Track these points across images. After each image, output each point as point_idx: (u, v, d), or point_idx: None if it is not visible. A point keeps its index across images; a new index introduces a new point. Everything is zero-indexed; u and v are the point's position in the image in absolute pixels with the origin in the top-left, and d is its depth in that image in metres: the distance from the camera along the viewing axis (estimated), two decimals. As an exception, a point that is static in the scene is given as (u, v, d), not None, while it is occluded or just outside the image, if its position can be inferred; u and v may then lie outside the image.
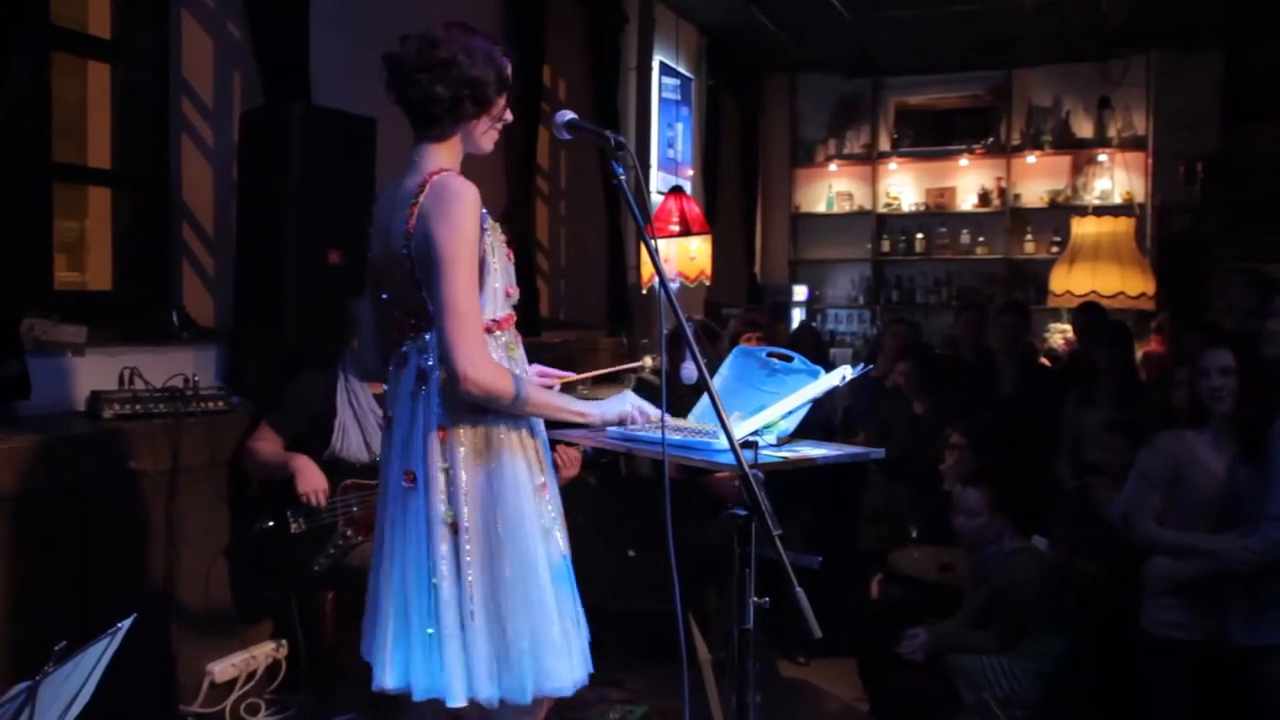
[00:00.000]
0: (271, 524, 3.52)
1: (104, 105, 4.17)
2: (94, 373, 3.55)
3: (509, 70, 2.45)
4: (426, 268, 2.31)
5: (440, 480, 2.35)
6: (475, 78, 2.36)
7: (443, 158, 2.42)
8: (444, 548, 2.33)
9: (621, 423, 2.48)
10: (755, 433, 2.36)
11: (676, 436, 2.36)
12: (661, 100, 7.79)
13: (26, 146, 3.64)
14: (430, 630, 2.33)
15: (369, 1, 4.70)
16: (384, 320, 2.54)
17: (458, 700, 2.31)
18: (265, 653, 3.92)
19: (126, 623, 1.51)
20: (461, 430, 2.35)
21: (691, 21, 8.38)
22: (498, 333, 2.43)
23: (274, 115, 3.91)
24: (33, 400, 3.26)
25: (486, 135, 2.48)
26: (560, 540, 2.45)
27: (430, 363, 2.39)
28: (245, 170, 4.04)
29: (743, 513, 2.07)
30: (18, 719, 1.25)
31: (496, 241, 2.45)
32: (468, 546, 2.32)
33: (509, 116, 2.50)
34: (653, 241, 2.09)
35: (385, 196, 2.49)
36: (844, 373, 2.49)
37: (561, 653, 2.37)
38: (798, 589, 1.88)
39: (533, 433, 2.48)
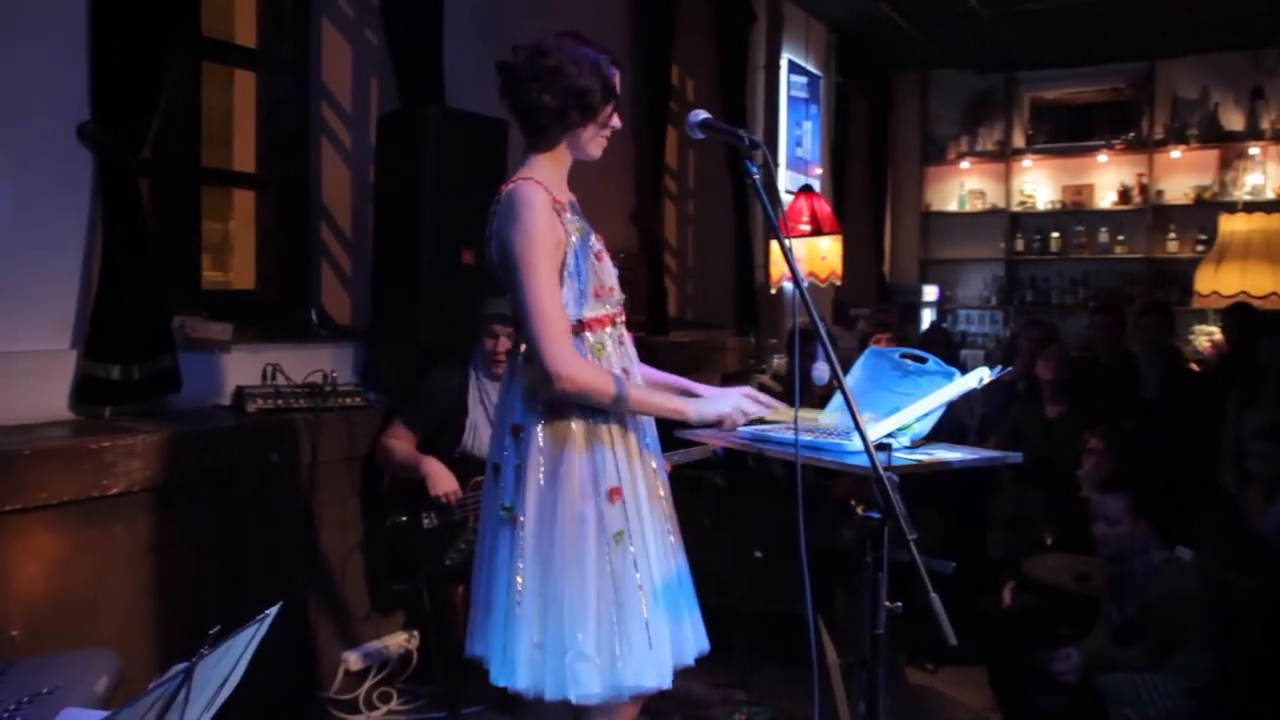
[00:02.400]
0: (404, 518, 3.61)
1: (249, 112, 4.33)
2: (239, 368, 3.69)
3: (616, 79, 2.45)
4: (506, 275, 2.37)
5: (511, 475, 2.40)
6: (581, 87, 2.37)
7: (542, 166, 2.44)
8: (502, 538, 2.39)
9: (719, 423, 2.45)
10: (889, 435, 2.32)
11: (808, 437, 2.33)
12: (790, 99, 7.74)
13: (178, 152, 3.81)
14: (489, 613, 2.40)
15: (501, 6, 4.77)
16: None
17: (495, 679, 2.37)
18: (398, 643, 4.01)
19: (273, 610, 1.56)
20: (534, 428, 2.39)
21: (820, 19, 8.30)
22: (586, 334, 2.43)
23: (410, 119, 4.01)
24: (182, 394, 3.42)
25: (594, 142, 2.48)
26: (633, 548, 2.40)
27: (518, 363, 2.46)
28: (382, 173, 4.14)
29: (876, 516, 2.03)
30: (176, 697, 1.30)
31: (582, 243, 2.43)
32: (523, 542, 2.35)
33: (617, 123, 2.49)
34: (787, 241, 2.06)
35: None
36: (981, 375, 2.43)
37: (591, 661, 2.33)
38: (933, 595, 1.84)
39: (619, 431, 2.44)
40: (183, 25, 3.56)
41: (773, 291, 6.70)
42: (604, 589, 2.35)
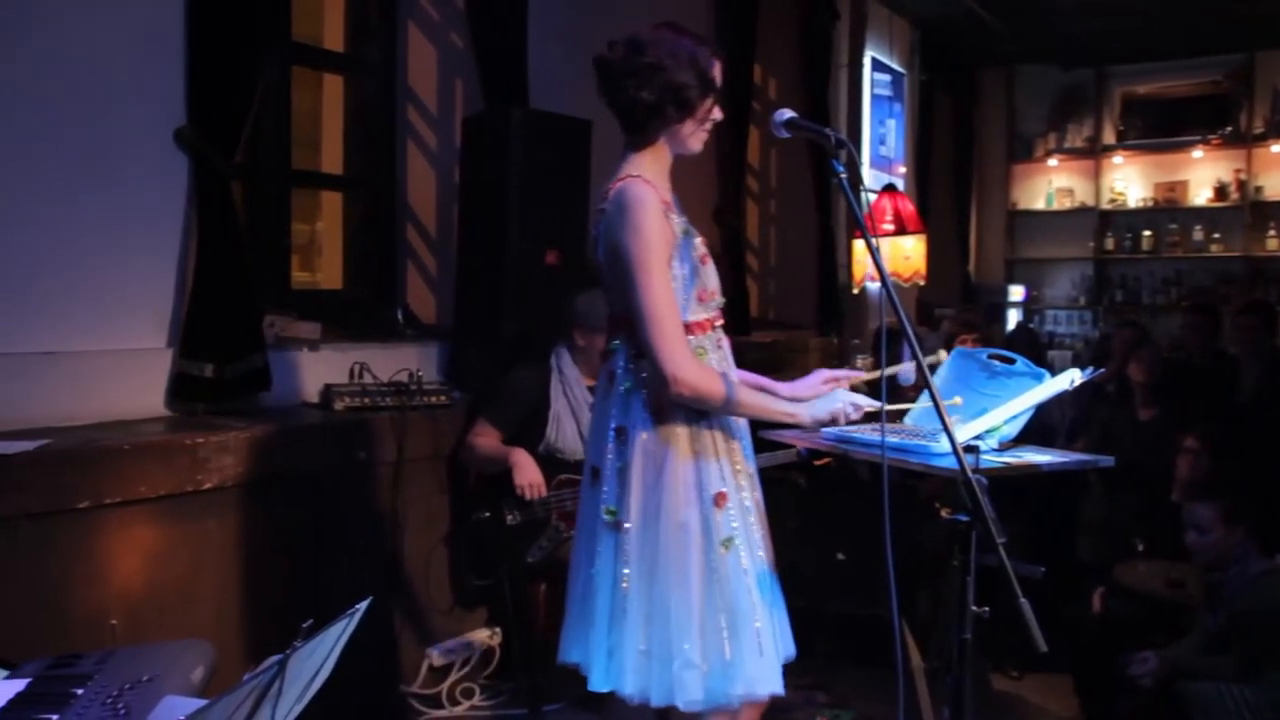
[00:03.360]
0: (488, 515, 3.65)
1: (337, 114, 4.42)
2: (326, 367, 3.76)
3: (715, 71, 2.40)
4: (617, 276, 2.32)
5: (614, 478, 2.37)
6: (679, 82, 2.32)
7: (643, 163, 2.38)
8: (606, 542, 2.35)
9: (833, 422, 2.42)
10: (977, 437, 2.29)
11: (894, 439, 2.31)
12: (873, 96, 7.66)
13: (269, 155, 3.89)
14: (591, 618, 2.37)
15: (584, 6, 4.80)
16: (598, 311, 2.55)
17: (597, 685, 2.34)
18: (480, 639, 4.05)
19: (363, 604, 1.59)
20: (639, 432, 2.35)
21: (904, 16, 8.21)
22: (689, 337, 2.37)
23: (494, 120, 4.04)
24: (272, 392, 3.50)
25: (694, 137, 2.43)
26: (743, 554, 2.37)
27: (618, 364, 2.41)
28: (466, 173, 4.19)
29: (964, 519, 2.00)
30: (270, 688, 1.33)
31: (686, 244, 2.39)
32: (628, 546, 2.32)
33: (718, 115, 2.44)
34: (874, 240, 2.04)
35: (599, 195, 2.49)
36: (1073, 376, 2.39)
37: (696, 669, 2.29)
38: (1022, 600, 1.80)
39: (718, 433, 2.40)
40: (274, 31, 3.65)
41: (855, 291, 6.64)
42: (711, 595, 2.30)
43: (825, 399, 2.45)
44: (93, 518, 2.81)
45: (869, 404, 2.44)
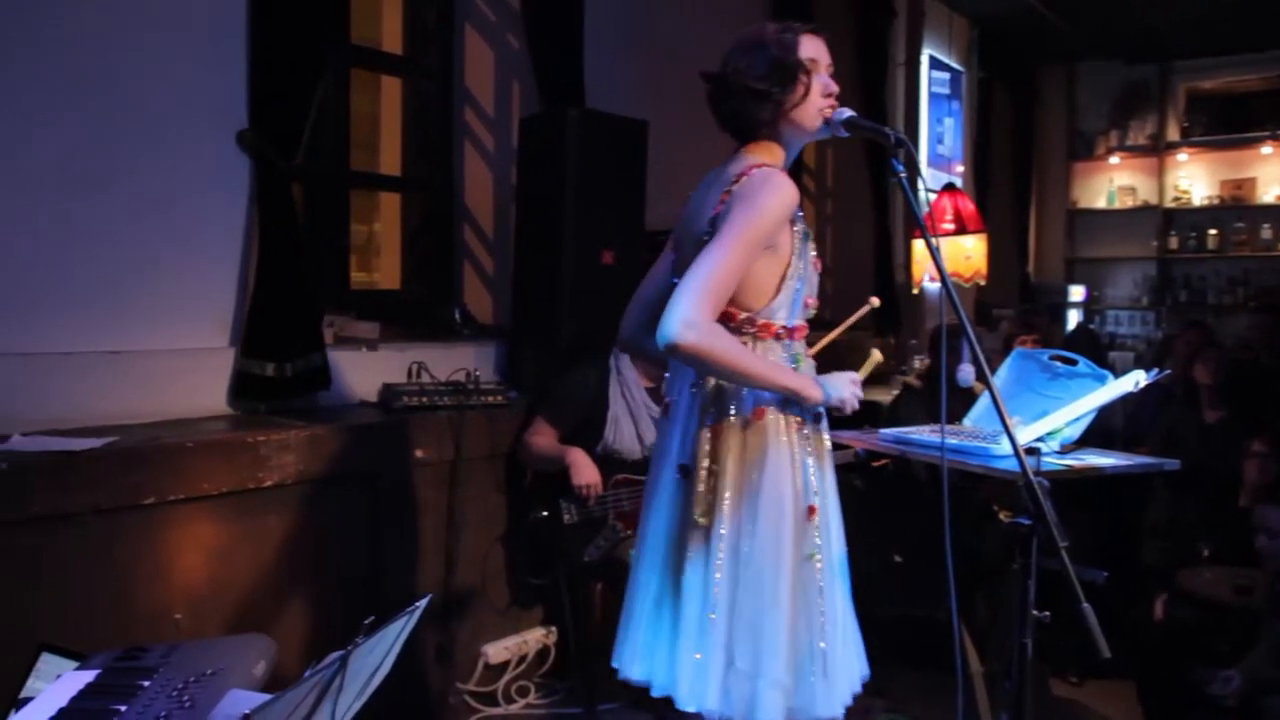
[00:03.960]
0: (545, 514, 3.66)
1: (395, 116, 4.46)
2: (385, 366, 3.80)
3: (803, 50, 2.33)
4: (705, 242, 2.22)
5: (704, 479, 2.27)
6: (788, 74, 2.29)
7: (767, 155, 2.34)
8: (696, 547, 2.26)
9: (841, 409, 2.34)
10: (1038, 439, 2.26)
11: (954, 440, 2.28)
12: (931, 95, 7.59)
13: (329, 157, 3.94)
14: (673, 629, 2.27)
15: (639, 6, 4.80)
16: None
17: (685, 704, 2.23)
18: (536, 638, 4.07)
19: (423, 602, 1.60)
20: (733, 435, 2.27)
21: (962, 13, 8.12)
22: (787, 340, 2.33)
23: (551, 121, 4.06)
24: (331, 391, 3.54)
25: (812, 115, 2.34)
26: (822, 570, 2.29)
27: None
28: (523, 174, 4.21)
29: (1025, 522, 1.97)
30: (332, 683, 1.35)
31: (806, 248, 2.35)
32: (719, 554, 2.24)
33: (833, 87, 2.37)
34: (934, 240, 2.02)
35: (704, 183, 2.40)
36: (1137, 378, 2.34)
37: (783, 686, 2.22)
38: (1085, 605, 1.77)
39: (816, 445, 2.34)
40: (334, 34, 3.69)
41: (914, 291, 6.58)
42: (796, 611, 2.24)
43: (835, 380, 2.36)
44: (157, 514, 2.86)
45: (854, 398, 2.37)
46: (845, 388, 2.34)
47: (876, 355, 2.77)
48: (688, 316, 2.08)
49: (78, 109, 2.99)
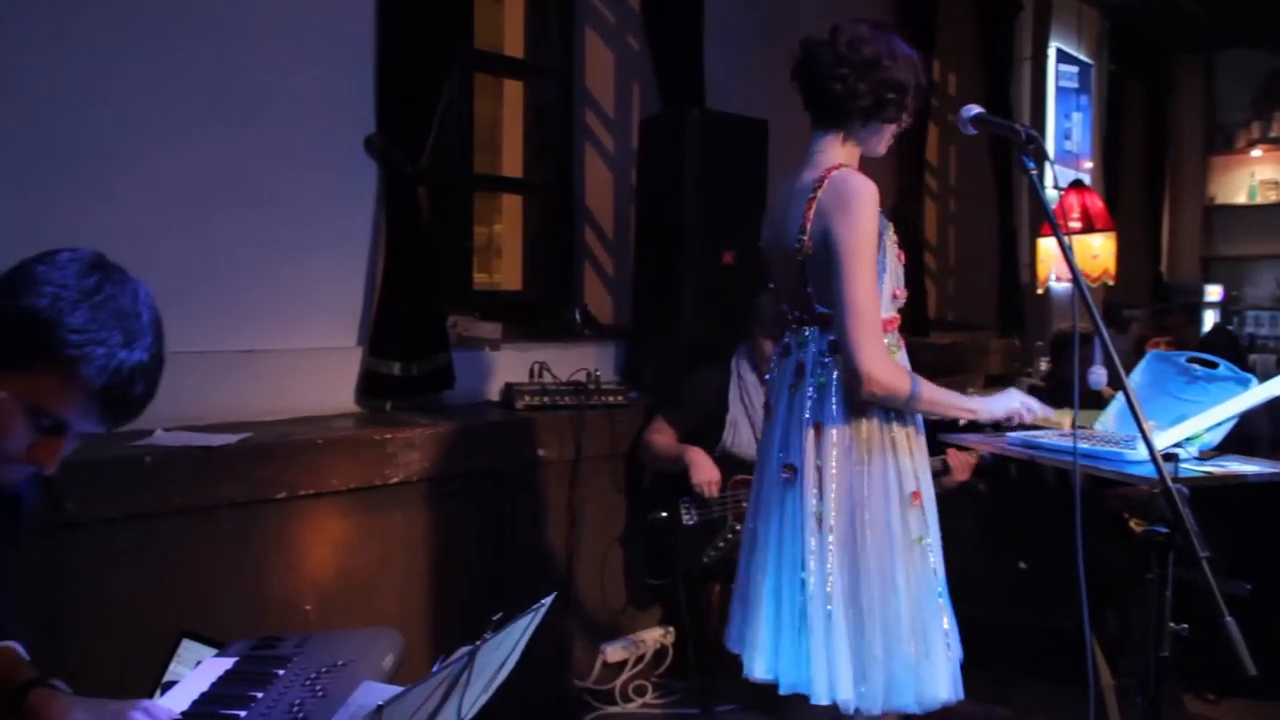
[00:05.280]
0: (664, 514, 3.66)
1: (517, 119, 4.52)
2: (506, 366, 3.85)
3: (923, 80, 2.39)
4: (822, 264, 2.28)
5: (813, 475, 2.33)
6: (900, 81, 2.31)
7: (841, 154, 2.37)
8: (813, 542, 2.31)
9: (1009, 420, 2.41)
10: (1175, 444, 2.17)
11: (1085, 445, 2.22)
12: (1058, 89, 7.39)
13: (452, 160, 4.01)
14: (798, 626, 2.31)
15: (759, 5, 4.78)
16: (773, 308, 2.54)
17: (820, 698, 2.27)
18: (654, 638, 4.07)
19: (548, 600, 1.62)
20: (834, 428, 2.32)
21: (1093, 4, 7.88)
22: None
23: (671, 121, 4.07)
24: (455, 390, 3.60)
25: (885, 141, 2.43)
26: (931, 555, 2.35)
27: (808, 357, 2.37)
28: (644, 175, 4.22)
29: (1162, 530, 1.90)
30: (460, 678, 1.37)
31: (889, 241, 2.38)
32: (831, 546, 2.29)
33: (907, 121, 2.44)
34: (1066, 239, 1.96)
35: (782, 188, 2.46)
36: (1288, 381, 2.23)
37: (914, 669, 2.28)
38: (1228, 619, 1.70)
39: (914, 436, 2.39)
40: (458, 40, 3.75)
41: (1039, 291, 6.41)
42: (912, 596, 2.29)
43: (1002, 396, 2.44)
44: (288, 508, 2.94)
45: (1041, 409, 2.41)
46: (1013, 401, 2.43)
47: None
48: (866, 370, 2.21)
49: (219, 123, 3.10)
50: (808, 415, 2.35)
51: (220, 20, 3.09)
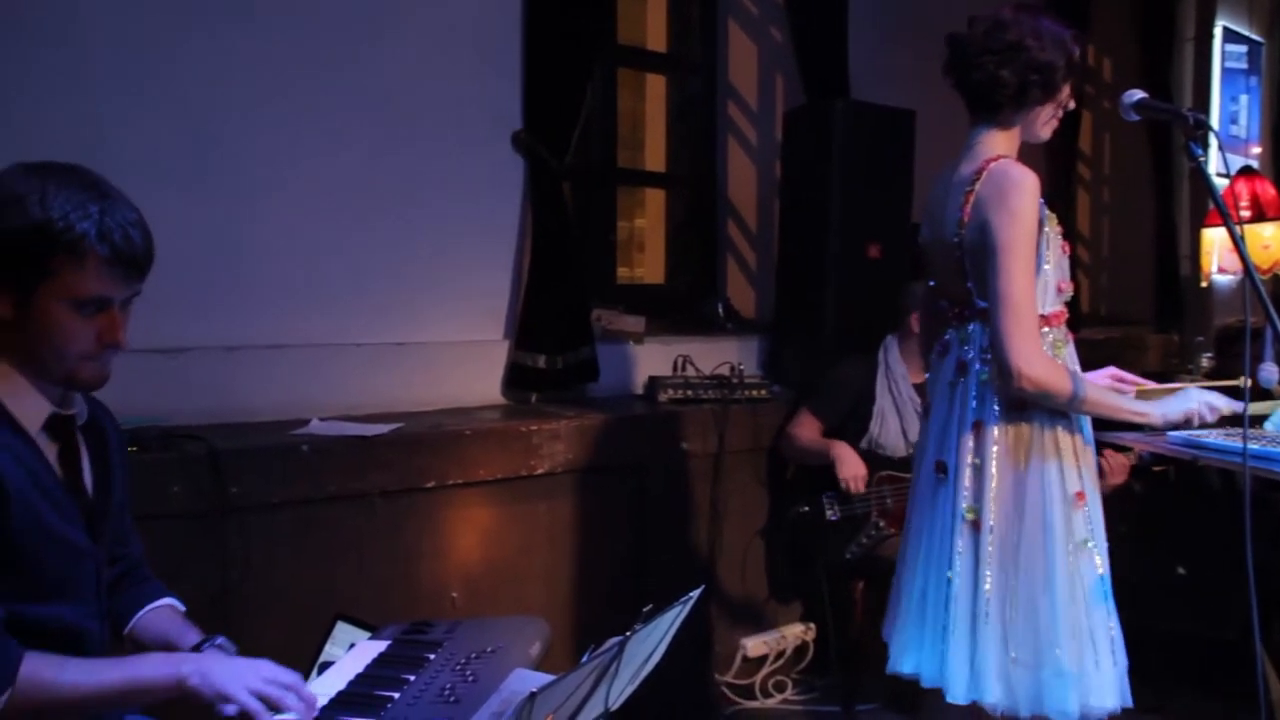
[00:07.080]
0: (807, 509, 3.63)
1: (660, 113, 4.54)
2: (649, 359, 3.87)
3: (1077, 55, 2.30)
4: (980, 257, 2.22)
5: (968, 475, 2.27)
6: (1044, 62, 2.23)
7: (1000, 145, 2.30)
8: (961, 543, 2.26)
9: (1187, 423, 2.27)
10: (1359, 446, 2.06)
11: (1256, 445, 2.11)
12: (1224, 71, 7.03)
13: (596, 155, 4.05)
14: (942, 624, 2.28)
15: (905, -3, 4.70)
16: (930, 305, 2.48)
17: (959, 697, 2.24)
18: (795, 634, 4.05)
19: (696, 593, 1.63)
20: (995, 427, 2.26)
21: (1264, -20, 7.49)
22: (1045, 329, 2.28)
23: (815, 113, 4.03)
24: (599, 383, 3.64)
25: (1048, 124, 2.34)
26: (1098, 557, 2.27)
27: (970, 354, 2.32)
28: (787, 168, 4.20)
29: (1343, 535, 1.80)
30: (610, 668, 1.39)
31: (1053, 233, 2.29)
32: (989, 546, 2.24)
33: (1072, 104, 2.35)
34: (1237, 229, 1.87)
35: (939, 182, 2.40)
36: None
37: (1071, 675, 2.20)
38: None
39: (1077, 436, 2.31)
40: (601, 36, 3.79)
41: (1202, 285, 6.13)
42: (1075, 599, 2.22)
43: (1179, 398, 2.30)
44: (437, 497, 3.02)
45: (1226, 405, 2.26)
46: (1191, 401, 2.29)
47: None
48: (1017, 366, 2.13)
49: (374, 124, 3.22)
50: (969, 413, 2.30)
51: (379, 29, 3.21)
